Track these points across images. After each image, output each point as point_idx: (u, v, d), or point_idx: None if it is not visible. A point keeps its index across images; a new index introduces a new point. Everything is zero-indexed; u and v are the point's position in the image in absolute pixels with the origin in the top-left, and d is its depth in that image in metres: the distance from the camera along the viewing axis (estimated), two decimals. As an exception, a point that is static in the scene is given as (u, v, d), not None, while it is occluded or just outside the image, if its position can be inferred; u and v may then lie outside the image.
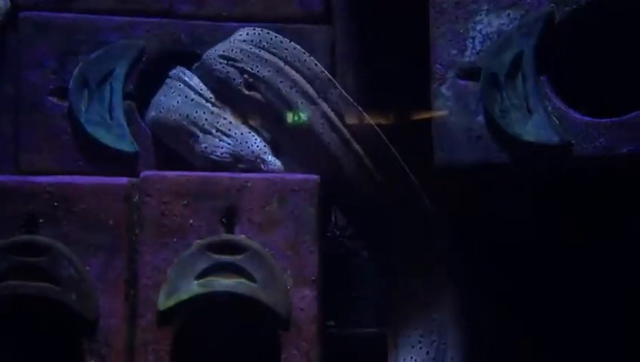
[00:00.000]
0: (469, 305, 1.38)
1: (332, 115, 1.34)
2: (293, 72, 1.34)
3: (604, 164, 1.22)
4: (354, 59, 1.51)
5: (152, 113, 1.44)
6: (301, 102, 1.34)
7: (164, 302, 1.24)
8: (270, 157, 1.37)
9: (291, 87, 1.34)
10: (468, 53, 1.31)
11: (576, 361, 1.43)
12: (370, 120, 1.35)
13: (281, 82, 1.35)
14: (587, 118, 1.23)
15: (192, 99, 1.40)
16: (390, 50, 1.54)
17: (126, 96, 1.46)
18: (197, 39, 1.48)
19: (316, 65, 1.36)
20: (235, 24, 1.47)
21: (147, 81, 1.47)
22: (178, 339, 1.25)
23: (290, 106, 1.34)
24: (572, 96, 1.26)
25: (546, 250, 1.43)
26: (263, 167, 1.36)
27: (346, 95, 1.35)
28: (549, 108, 1.24)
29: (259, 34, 1.38)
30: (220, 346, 1.34)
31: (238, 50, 1.38)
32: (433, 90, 1.33)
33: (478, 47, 1.30)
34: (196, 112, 1.39)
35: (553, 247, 1.43)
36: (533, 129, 1.24)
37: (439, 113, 1.32)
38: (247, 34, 1.39)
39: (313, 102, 1.34)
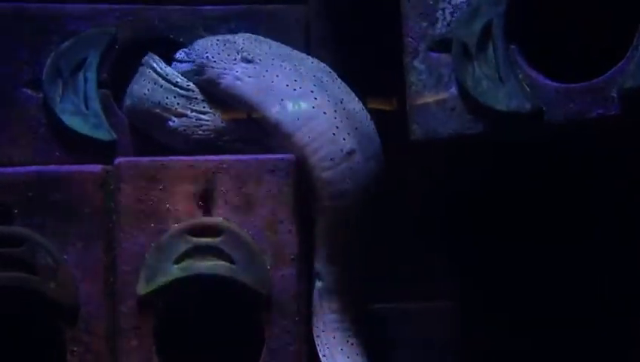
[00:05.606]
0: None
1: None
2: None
3: (576, 128, 1.22)
4: (328, 38, 1.51)
5: (127, 102, 1.44)
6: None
7: (144, 287, 1.24)
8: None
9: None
10: (439, 25, 1.30)
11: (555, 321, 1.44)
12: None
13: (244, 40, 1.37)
14: (557, 84, 1.23)
15: (161, 86, 1.39)
16: (364, 27, 1.53)
17: (100, 84, 1.45)
18: (171, 24, 1.47)
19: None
20: (209, 7, 1.46)
21: (124, 68, 1.46)
22: (161, 323, 1.26)
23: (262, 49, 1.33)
24: (543, 63, 1.25)
25: (520, 215, 1.43)
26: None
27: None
28: (520, 76, 1.24)
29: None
30: (204, 328, 1.34)
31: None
32: (406, 64, 1.32)
33: (449, 19, 1.30)
34: (167, 98, 1.38)
35: (527, 212, 1.43)
36: (505, 98, 1.24)
37: (413, 87, 1.31)
38: None
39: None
